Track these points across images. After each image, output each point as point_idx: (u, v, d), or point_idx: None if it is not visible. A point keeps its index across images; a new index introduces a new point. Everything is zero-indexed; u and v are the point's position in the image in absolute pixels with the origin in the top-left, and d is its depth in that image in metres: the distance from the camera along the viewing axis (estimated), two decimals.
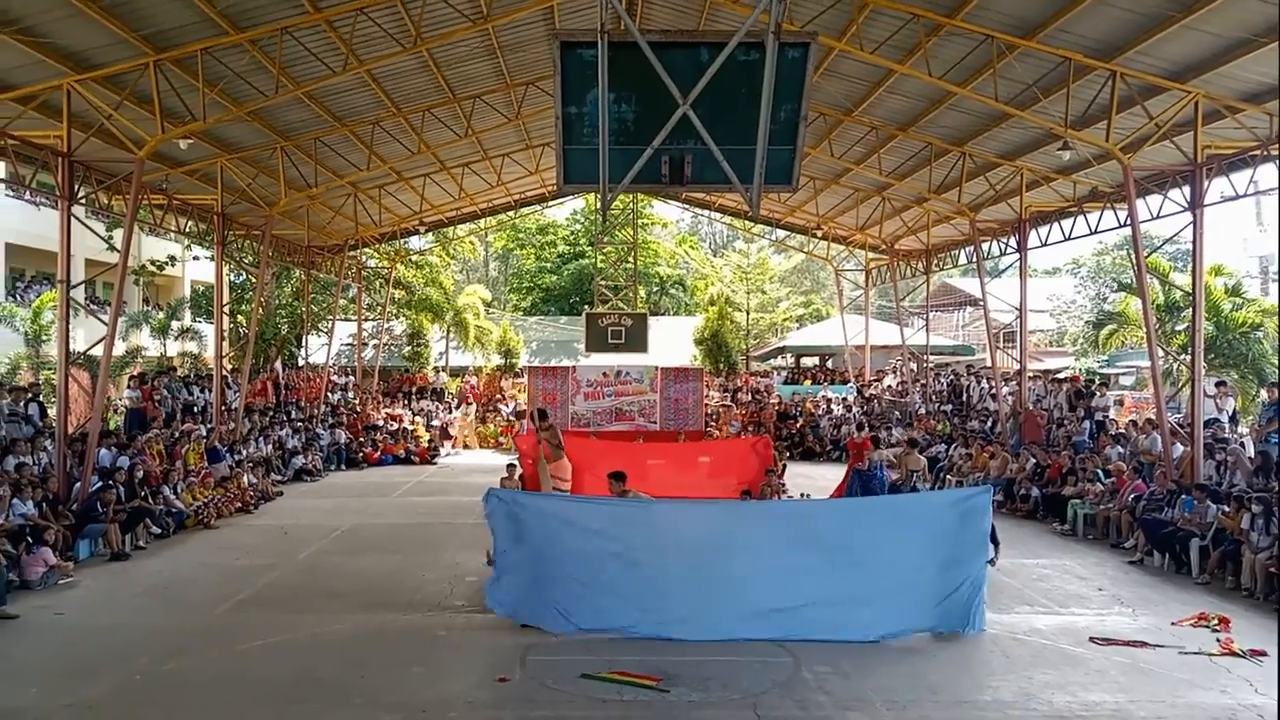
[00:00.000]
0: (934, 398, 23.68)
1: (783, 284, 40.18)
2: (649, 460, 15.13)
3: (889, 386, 26.46)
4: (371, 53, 13.43)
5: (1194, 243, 13.17)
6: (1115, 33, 11.43)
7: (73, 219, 12.31)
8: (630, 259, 30.59)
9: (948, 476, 17.36)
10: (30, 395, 13.82)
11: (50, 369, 19.05)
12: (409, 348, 30.99)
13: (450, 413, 25.44)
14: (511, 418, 24.61)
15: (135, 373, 18.89)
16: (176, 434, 15.36)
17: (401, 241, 28.29)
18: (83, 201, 14.02)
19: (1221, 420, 13.93)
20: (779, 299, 38.21)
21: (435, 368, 30.94)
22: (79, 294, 16.17)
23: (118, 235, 13.85)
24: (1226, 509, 10.67)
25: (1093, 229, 18.04)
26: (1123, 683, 7.18)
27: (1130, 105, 12.59)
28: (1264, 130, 12.55)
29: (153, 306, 27.48)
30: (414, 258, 30.62)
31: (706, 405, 23.94)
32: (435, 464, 21.57)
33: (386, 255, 28.45)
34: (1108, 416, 16.80)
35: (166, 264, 24.25)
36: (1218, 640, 8.13)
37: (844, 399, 25.14)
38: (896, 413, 23.93)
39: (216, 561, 11.21)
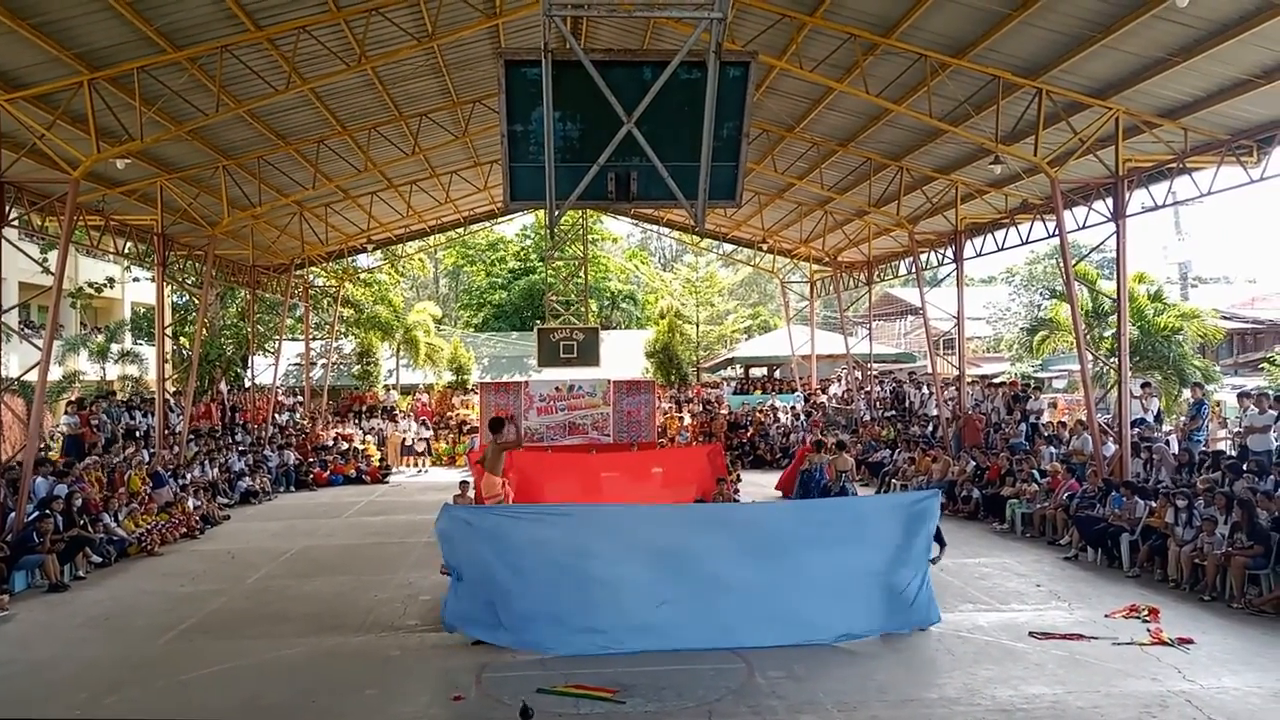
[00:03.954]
0: (878, 404, 24.18)
1: (731, 296, 40.73)
2: (603, 473, 15.21)
3: (835, 395, 26.95)
4: (315, 71, 13.32)
5: (1118, 251, 13.82)
6: (1040, 52, 11.94)
7: (3, 241, 11.98)
8: (581, 274, 30.69)
9: (893, 480, 17.76)
10: None
11: None
12: (358, 366, 30.62)
13: (405, 430, 25.07)
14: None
15: (73, 398, 18.32)
16: (117, 459, 14.96)
17: (349, 260, 27.95)
18: (15, 224, 13.63)
19: (1147, 420, 14.56)
20: (727, 311, 38.72)
21: (386, 386, 30.59)
22: (12, 318, 15.66)
23: (52, 258, 13.50)
24: (1153, 505, 11.14)
25: (1024, 239, 18.69)
26: (1061, 675, 7.45)
27: (1056, 121, 13.15)
28: (1180, 144, 13.20)
29: (91, 330, 26.68)
30: (362, 276, 30.29)
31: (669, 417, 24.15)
32: (387, 483, 21.31)
33: (334, 274, 28.10)
34: (1041, 419, 17.38)
35: (105, 286, 23.63)
36: (1148, 630, 8.49)
37: (792, 408, 25.53)
38: (842, 420, 24.37)
39: (160, 589, 10.92)
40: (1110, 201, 14.09)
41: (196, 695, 7.28)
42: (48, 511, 11.62)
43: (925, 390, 22.36)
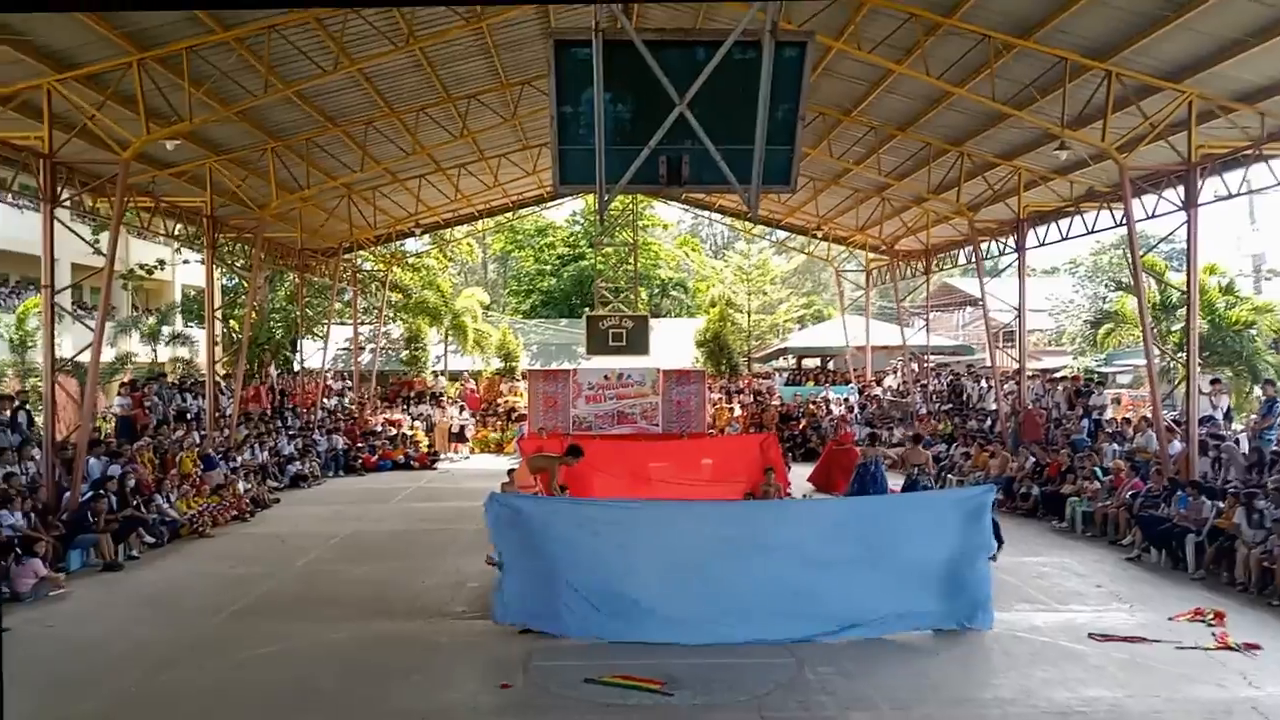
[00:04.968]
0: (935, 398, 23.65)
1: (784, 285, 40.05)
2: (651, 462, 15.01)
3: (890, 387, 26.42)
4: (363, 51, 13.30)
5: (1189, 242, 13.19)
6: (1111, 32, 11.42)
7: (56, 222, 12.12)
8: (630, 261, 30.49)
9: (949, 476, 17.35)
10: (18, 403, 13.63)
11: (37, 376, 18.86)
12: (407, 351, 30.88)
13: (458, 415, 25.13)
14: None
15: (125, 379, 18.72)
16: (168, 441, 15.23)
17: (397, 244, 28.14)
18: (66, 204, 13.82)
19: (1216, 417, 13.96)
20: (780, 300, 38.07)
21: (434, 371, 30.81)
22: (65, 299, 15.94)
23: (104, 239, 13.68)
24: (1221, 505, 10.66)
25: (1090, 229, 18.07)
26: (1121, 678, 7.19)
27: (1125, 105, 12.58)
28: (1256, 130, 12.55)
29: (142, 312, 27.28)
30: (410, 260, 30.49)
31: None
32: (435, 469, 21.45)
33: (382, 258, 28.33)
34: (1104, 415, 16.80)
35: (155, 268, 24.09)
36: (1213, 635, 8.15)
37: (845, 399, 25.08)
38: (897, 413, 23.89)
39: (212, 571, 11.09)
40: (1181, 190, 13.49)
41: (248, 675, 7.37)
42: (102, 491, 11.86)
43: (984, 384, 21.87)
